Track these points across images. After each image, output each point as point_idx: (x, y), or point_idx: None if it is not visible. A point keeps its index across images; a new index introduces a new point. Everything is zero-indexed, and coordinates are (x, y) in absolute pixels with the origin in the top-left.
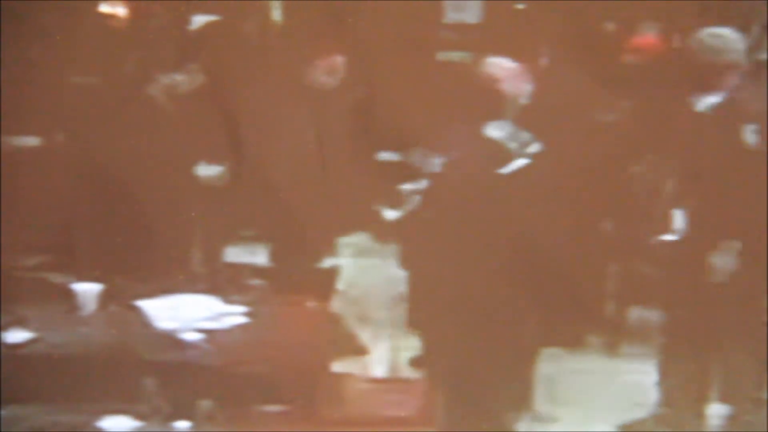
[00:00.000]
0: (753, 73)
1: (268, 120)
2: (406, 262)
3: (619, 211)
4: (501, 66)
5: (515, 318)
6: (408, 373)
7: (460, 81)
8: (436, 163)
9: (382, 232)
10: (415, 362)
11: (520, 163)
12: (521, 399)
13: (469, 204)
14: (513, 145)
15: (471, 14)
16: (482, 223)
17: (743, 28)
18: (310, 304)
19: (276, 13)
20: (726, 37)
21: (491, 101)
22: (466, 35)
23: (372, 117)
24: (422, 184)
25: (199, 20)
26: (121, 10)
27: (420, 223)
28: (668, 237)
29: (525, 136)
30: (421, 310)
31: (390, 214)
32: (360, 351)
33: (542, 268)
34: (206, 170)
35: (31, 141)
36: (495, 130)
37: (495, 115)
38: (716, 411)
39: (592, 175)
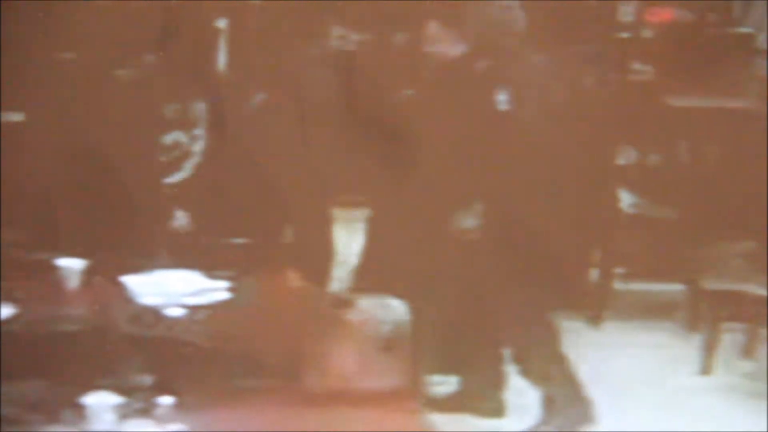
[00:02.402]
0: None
1: (250, 93)
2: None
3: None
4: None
5: (498, 289)
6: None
7: None
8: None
9: (367, 204)
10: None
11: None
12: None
13: None
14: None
15: None
16: (462, 197)
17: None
18: (295, 278)
19: None
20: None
21: None
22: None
23: (356, 90)
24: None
25: None
26: None
27: None
28: None
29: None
30: (403, 282)
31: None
32: (345, 325)
33: (523, 240)
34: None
35: (14, 117)
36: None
37: None
38: None
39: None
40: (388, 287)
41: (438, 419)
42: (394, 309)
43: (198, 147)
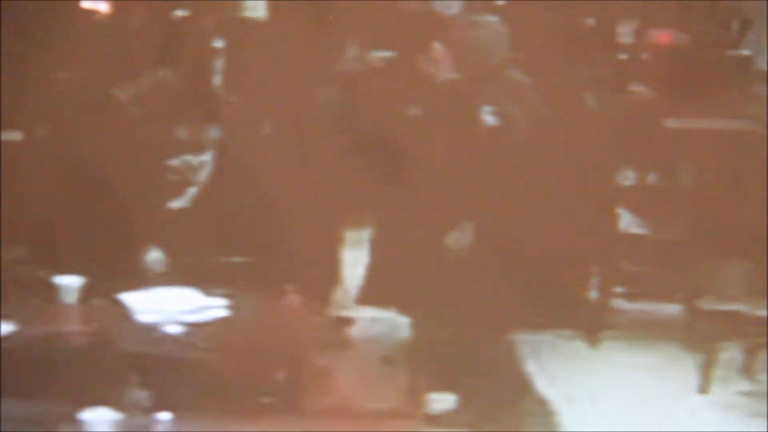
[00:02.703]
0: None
1: (249, 114)
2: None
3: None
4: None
5: (495, 305)
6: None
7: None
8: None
9: (368, 224)
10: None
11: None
12: (504, 386)
13: None
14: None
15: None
16: (463, 216)
17: (723, 24)
18: (293, 296)
19: (260, 11)
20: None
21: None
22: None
23: (354, 112)
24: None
25: (180, 16)
26: (102, 6)
27: None
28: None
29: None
30: (404, 300)
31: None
32: (343, 343)
33: (523, 260)
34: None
35: (13, 135)
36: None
37: None
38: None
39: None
40: (389, 304)
41: None
42: (394, 326)
43: (203, 173)
